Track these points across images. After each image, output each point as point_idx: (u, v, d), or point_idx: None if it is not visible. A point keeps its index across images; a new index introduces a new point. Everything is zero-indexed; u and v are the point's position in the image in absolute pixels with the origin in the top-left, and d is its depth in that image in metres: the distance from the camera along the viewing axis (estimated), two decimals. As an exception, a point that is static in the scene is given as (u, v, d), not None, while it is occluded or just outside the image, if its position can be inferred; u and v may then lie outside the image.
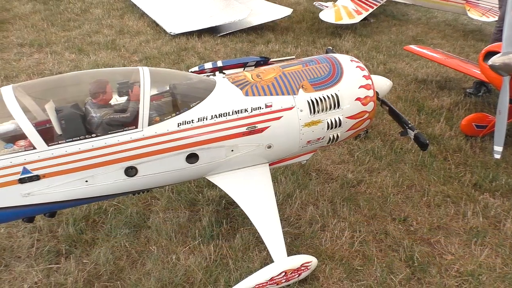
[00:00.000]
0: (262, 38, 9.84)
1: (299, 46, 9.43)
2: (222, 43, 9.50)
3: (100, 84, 3.68)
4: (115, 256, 4.13)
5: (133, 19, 10.74)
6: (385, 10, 11.87)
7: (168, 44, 9.33)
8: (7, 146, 3.37)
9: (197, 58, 8.72)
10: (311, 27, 10.59)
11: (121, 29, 10.06)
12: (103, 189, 3.66)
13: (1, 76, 7.51)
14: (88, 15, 10.96)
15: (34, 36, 9.34)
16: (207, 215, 4.61)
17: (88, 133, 3.52)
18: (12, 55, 8.43)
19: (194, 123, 3.70)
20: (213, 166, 3.91)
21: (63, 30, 9.84)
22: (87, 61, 8.32)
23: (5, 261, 4.05)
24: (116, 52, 8.84)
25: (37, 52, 8.69)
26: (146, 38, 9.61)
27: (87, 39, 9.41)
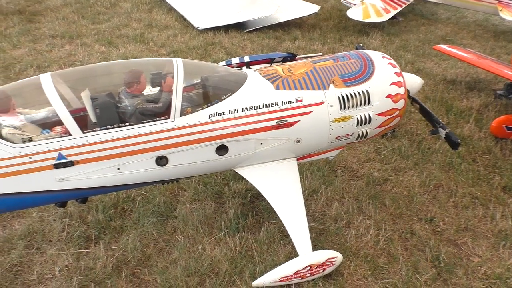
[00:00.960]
0: (289, 34, 9.83)
1: (326, 44, 9.39)
2: (249, 39, 9.52)
3: (134, 74, 3.74)
4: (142, 244, 4.21)
5: (161, 13, 10.85)
6: (413, 9, 11.71)
7: (195, 38, 9.40)
8: (44, 132, 3.46)
9: (224, 53, 8.76)
10: (338, 25, 10.53)
11: (149, 23, 10.18)
12: (134, 177, 3.72)
13: (33, 66, 7.69)
14: (117, 8, 11.12)
15: (65, 28, 9.53)
16: (233, 207, 4.65)
17: (121, 122, 3.59)
18: (44, 46, 8.62)
19: (225, 115, 3.74)
20: (241, 158, 3.94)
21: (93, 23, 10.01)
22: (116, 53, 8.46)
23: (36, 244, 4.16)
24: (145, 45, 8.96)
25: (68, 43, 8.87)
26: (174, 32, 9.71)
27: (116, 32, 9.56)
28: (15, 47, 8.45)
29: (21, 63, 7.78)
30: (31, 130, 3.51)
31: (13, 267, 3.92)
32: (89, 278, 3.83)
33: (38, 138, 3.43)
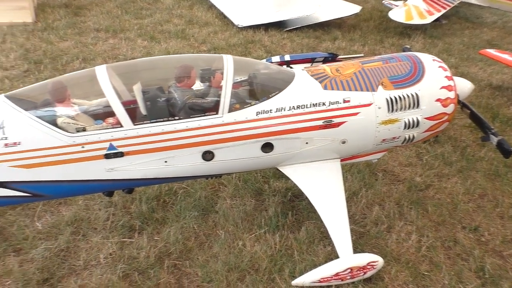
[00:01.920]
0: (329, 34, 9.77)
1: (366, 45, 9.28)
2: (289, 38, 9.51)
3: (186, 69, 3.80)
4: (184, 237, 4.27)
5: (202, 10, 10.97)
6: (458, 11, 11.42)
7: (235, 36, 9.46)
8: (97, 122, 3.56)
9: (264, 51, 8.78)
10: (379, 26, 10.39)
11: (190, 19, 10.31)
12: (180, 170, 3.78)
13: (79, 58, 7.90)
14: (159, 4, 11.30)
15: (109, 22, 9.75)
16: (273, 205, 4.66)
17: (171, 116, 3.65)
18: (89, 39, 8.84)
19: (272, 113, 3.75)
20: (286, 157, 3.94)
21: (136, 18, 10.20)
22: (158, 48, 8.60)
23: (82, 231, 4.28)
24: (186, 41, 9.07)
25: (112, 37, 9.07)
26: (214, 29, 9.79)
27: (158, 27, 9.72)
28: (62, 40, 8.70)
29: (67, 55, 8.01)
30: (84, 120, 3.62)
31: (60, 252, 4.04)
32: (133, 267, 3.92)
33: (91, 128, 3.53)
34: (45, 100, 3.63)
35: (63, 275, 3.83)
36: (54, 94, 3.61)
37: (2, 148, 3.41)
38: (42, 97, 3.67)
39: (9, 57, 7.74)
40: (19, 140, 3.41)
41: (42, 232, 4.23)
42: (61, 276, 3.82)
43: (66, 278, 3.82)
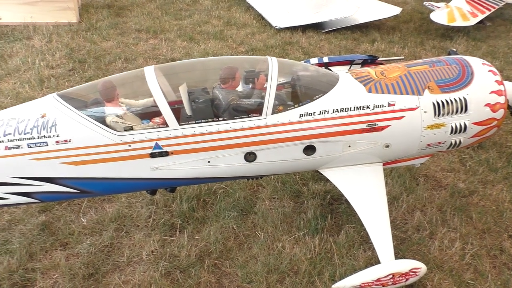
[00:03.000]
0: (367, 36, 9.64)
1: (406, 47, 9.10)
2: (326, 39, 9.45)
3: (231, 70, 3.84)
4: (223, 236, 4.31)
5: (240, 11, 11.03)
6: (502, 13, 11.03)
7: (273, 37, 9.47)
8: (144, 122, 3.63)
9: (302, 53, 8.75)
10: (419, 28, 10.18)
11: (228, 20, 10.38)
12: (222, 171, 3.82)
13: (121, 58, 8.10)
14: (198, 5, 11.44)
15: (150, 23, 9.94)
16: (312, 208, 4.65)
17: (215, 116, 3.69)
18: (131, 39, 9.04)
19: (315, 116, 3.73)
20: (328, 159, 3.92)
21: (175, 19, 10.36)
22: (197, 49, 8.71)
23: (125, 228, 4.39)
24: (224, 42, 9.15)
25: (152, 38, 9.25)
26: (252, 30, 9.83)
27: (197, 28, 9.84)
28: (104, 40, 8.94)
29: (110, 55, 8.22)
30: (131, 119, 3.70)
31: (105, 248, 4.16)
32: (174, 265, 3.98)
33: (138, 127, 3.61)
34: (95, 99, 3.73)
35: (107, 271, 3.94)
36: (104, 94, 3.71)
37: (53, 145, 3.53)
38: (92, 96, 3.78)
39: (55, 56, 8.01)
40: (70, 137, 3.52)
41: (87, 227, 4.36)
42: (105, 272, 3.93)
43: (110, 273, 3.92)
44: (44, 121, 3.52)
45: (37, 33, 8.90)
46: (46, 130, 3.51)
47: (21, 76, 7.32)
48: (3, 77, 7.26)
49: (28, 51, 8.15)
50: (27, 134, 3.50)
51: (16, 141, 3.50)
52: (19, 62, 7.69)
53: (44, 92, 6.83)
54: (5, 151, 3.51)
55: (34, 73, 7.34)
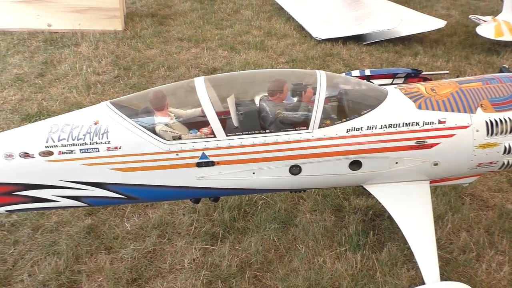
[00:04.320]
0: (410, 49, 9.50)
1: (451, 61, 8.91)
2: (368, 52, 9.36)
3: (279, 83, 3.85)
4: (264, 248, 4.31)
5: (280, 22, 11.09)
6: (552, 28, 10.66)
7: (313, 48, 9.46)
8: (192, 132, 3.69)
9: (342, 65, 8.71)
10: (464, 42, 9.95)
11: (269, 31, 10.46)
12: (266, 183, 3.82)
13: (164, 66, 8.27)
14: (238, 15, 11.58)
15: (192, 32, 10.12)
16: (353, 223, 4.59)
17: (262, 128, 3.71)
18: (174, 48, 9.23)
19: (363, 131, 3.69)
20: (373, 175, 3.86)
21: (217, 28, 10.52)
22: (238, 59, 8.80)
23: (168, 234, 4.45)
24: (264, 52, 9.21)
25: (194, 47, 9.41)
26: (292, 41, 9.86)
27: (238, 38, 9.95)
28: (148, 48, 9.16)
29: (153, 63, 8.41)
30: (179, 128, 3.76)
31: (148, 254, 4.23)
32: (215, 275, 4.01)
33: (186, 136, 3.66)
34: (145, 108, 3.82)
35: (150, 277, 4.00)
36: (154, 103, 3.79)
37: (104, 152, 3.62)
38: (143, 105, 3.87)
39: (101, 63, 8.27)
40: (120, 144, 3.61)
41: (131, 232, 4.45)
42: (148, 278, 3.99)
43: (153, 279, 3.98)
44: (96, 128, 3.63)
45: (84, 40, 9.21)
46: (98, 137, 3.61)
47: (69, 81, 7.59)
48: (52, 82, 7.54)
49: (76, 57, 8.45)
50: (80, 140, 3.61)
51: (69, 147, 3.61)
52: (68, 68, 7.98)
53: (91, 98, 7.05)
54: (58, 155, 3.62)
55: (82, 79, 7.59)
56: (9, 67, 7.97)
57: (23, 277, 3.95)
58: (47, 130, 3.65)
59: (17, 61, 8.20)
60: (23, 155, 3.58)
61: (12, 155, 3.58)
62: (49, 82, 7.54)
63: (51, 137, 3.61)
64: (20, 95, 7.04)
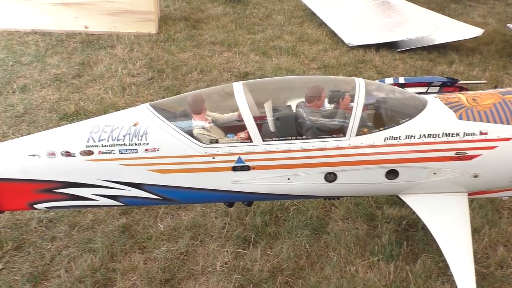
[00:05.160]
0: (445, 57, 9.34)
1: (487, 70, 8.72)
2: (401, 59, 9.25)
3: (317, 90, 3.85)
4: (296, 254, 4.30)
5: (312, 27, 11.07)
6: None
7: (345, 55, 9.41)
8: (229, 136, 3.71)
9: (375, 72, 8.63)
10: (501, 51, 9.73)
11: (301, 36, 10.45)
12: (301, 189, 3.81)
13: (197, 70, 8.36)
14: (270, 20, 11.62)
15: (224, 36, 10.20)
16: (386, 233, 4.53)
17: (298, 135, 3.71)
18: (206, 51, 9.32)
19: (401, 140, 3.65)
20: (410, 185, 3.81)
21: (249, 33, 10.58)
22: (270, 64, 8.82)
23: (200, 237, 4.49)
24: (296, 58, 9.21)
25: (226, 51, 9.49)
26: (324, 47, 9.83)
27: (270, 43, 9.98)
28: (182, 51, 9.28)
29: (186, 66, 8.51)
30: (216, 132, 3.80)
31: (180, 255, 4.27)
32: (247, 279, 4.02)
33: (223, 140, 3.69)
34: (183, 111, 3.87)
35: (182, 278, 4.04)
36: (193, 106, 3.84)
37: (142, 153, 3.68)
38: (182, 108, 3.93)
39: (135, 65, 8.42)
40: (158, 146, 3.66)
41: (164, 233, 4.51)
42: (181, 279, 4.03)
43: (185, 281, 4.02)
44: (136, 129, 3.69)
45: (120, 42, 9.40)
46: (137, 138, 3.68)
47: (104, 82, 7.76)
48: (89, 83, 7.73)
49: (112, 59, 8.63)
50: (120, 141, 3.68)
51: (109, 147, 3.69)
52: (103, 69, 8.16)
53: (126, 99, 7.19)
54: (98, 155, 3.70)
55: (117, 80, 7.75)
56: (48, 67, 8.21)
57: (60, 273, 4.04)
58: (88, 130, 3.73)
59: (56, 62, 8.42)
60: (65, 153, 3.68)
61: (54, 154, 3.68)
62: (86, 82, 7.73)
63: (92, 137, 3.69)
64: (58, 95, 7.24)
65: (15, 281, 3.97)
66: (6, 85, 7.46)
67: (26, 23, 9.75)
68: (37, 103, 6.99)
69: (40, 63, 8.36)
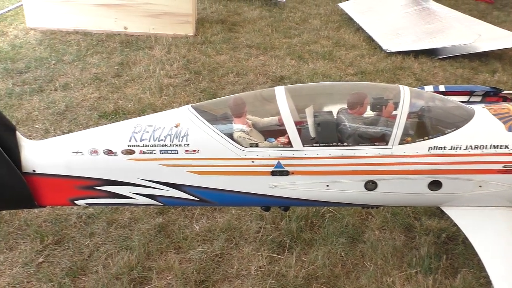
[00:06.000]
0: (487, 66, 9.07)
1: (533, 80, 8.42)
2: (441, 67, 9.04)
3: (360, 96, 3.80)
4: (331, 262, 4.24)
5: (349, 32, 10.96)
6: None
7: (383, 61, 9.27)
8: (270, 140, 3.70)
9: (413, 79, 8.47)
10: (548, 60, 9.37)
11: (337, 41, 10.36)
12: (339, 196, 3.76)
13: (233, 72, 8.40)
14: (307, 24, 11.57)
15: (260, 39, 10.22)
16: (425, 245, 4.41)
17: (339, 141, 3.66)
18: (242, 54, 9.36)
19: (446, 150, 3.56)
20: (453, 197, 3.71)
21: (285, 37, 10.56)
22: (306, 68, 8.78)
23: (235, 239, 4.49)
24: (333, 63, 9.13)
25: (262, 54, 9.50)
26: (361, 52, 9.71)
27: (306, 47, 9.93)
28: (218, 53, 9.35)
29: (223, 68, 8.57)
30: (255, 136, 3.79)
31: (215, 257, 4.27)
32: (281, 284, 3.99)
33: (263, 144, 3.68)
34: (224, 114, 3.89)
35: (217, 280, 4.05)
36: (234, 109, 3.85)
37: (183, 154, 3.70)
38: (222, 110, 3.94)
39: (173, 66, 8.53)
40: (199, 148, 3.68)
41: (199, 234, 4.53)
42: (216, 281, 4.04)
43: (220, 283, 4.02)
44: (177, 131, 3.72)
45: (157, 44, 9.54)
46: (178, 139, 3.70)
47: (143, 82, 7.89)
48: (127, 83, 7.87)
49: (150, 60, 8.76)
50: (161, 141, 3.71)
51: (150, 147, 3.73)
52: (142, 70, 8.30)
53: (163, 100, 7.29)
54: (139, 154, 3.75)
55: (155, 80, 7.87)
56: (88, 66, 8.41)
57: (97, 269, 4.12)
58: (130, 130, 3.78)
59: (96, 61, 8.62)
60: (107, 152, 3.74)
61: (97, 151, 3.75)
62: (125, 82, 7.88)
63: (134, 136, 3.74)
64: (98, 94, 7.40)
65: (54, 275, 4.06)
66: (49, 83, 7.69)
67: (69, 23, 10.02)
68: (77, 101, 7.17)
69: (81, 62, 8.58)
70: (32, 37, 9.59)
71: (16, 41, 9.34)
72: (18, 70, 8.05)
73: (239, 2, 12.79)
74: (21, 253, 4.28)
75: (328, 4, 13.33)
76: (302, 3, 13.32)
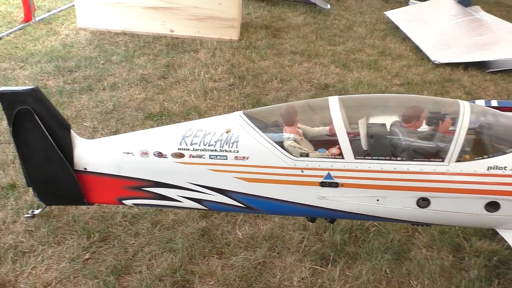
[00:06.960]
0: (542, 81, 8.68)
1: None
2: (492, 80, 8.72)
3: (416, 110, 3.70)
4: (375, 278, 4.13)
5: (395, 41, 10.74)
6: None
7: (431, 72, 9.02)
8: (320, 151, 3.65)
9: (463, 92, 8.20)
10: None
11: (383, 50, 10.17)
12: (389, 212, 3.67)
13: (277, 78, 8.38)
14: (351, 32, 11.41)
15: (305, 46, 10.16)
16: (475, 267, 4.23)
17: (392, 155, 3.57)
18: (286, 61, 9.33)
19: (506, 171, 3.40)
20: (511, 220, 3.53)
21: (329, 44, 10.45)
22: (351, 77, 8.65)
23: (278, 248, 4.44)
24: (378, 72, 8.96)
25: (306, 61, 9.43)
26: (407, 62, 9.49)
27: (351, 55, 9.80)
28: (262, 59, 9.35)
29: (267, 74, 8.56)
30: (305, 145, 3.74)
31: (257, 265, 4.24)
32: (324, 298, 3.92)
33: (314, 155, 3.63)
34: (275, 122, 3.87)
35: (259, 289, 4.02)
36: (285, 118, 3.82)
37: (232, 160, 3.70)
38: (274, 118, 3.92)
39: (217, 70, 8.59)
40: (248, 155, 3.67)
41: (242, 241, 4.51)
42: (257, 289, 4.01)
43: (262, 292, 3.99)
44: (228, 136, 3.72)
45: (202, 47, 9.64)
46: (228, 145, 3.71)
47: (188, 85, 7.97)
48: (173, 85, 7.98)
49: (195, 63, 8.86)
50: (211, 146, 3.73)
51: (200, 151, 3.75)
52: (187, 72, 8.40)
53: (207, 103, 7.34)
54: (189, 158, 3.77)
55: (199, 84, 7.94)
56: (135, 67, 8.58)
57: (141, 269, 4.16)
58: (181, 133, 3.81)
59: (143, 62, 8.79)
60: (157, 154, 3.78)
61: (147, 153, 3.80)
62: (170, 84, 7.99)
63: (185, 140, 3.76)
64: (144, 95, 7.54)
65: (99, 272, 4.14)
66: (98, 82, 7.89)
67: (118, 24, 10.28)
68: (125, 101, 7.33)
69: (128, 63, 8.77)
70: (82, 37, 9.89)
71: (67, 40, 9.66)
72: (68, 69, 8.32)
73: (283, 8, 12.78)
74: (68, 248, 4.38)
75: (374, 12, 13.11)
76: (347, 11, 13.16)
